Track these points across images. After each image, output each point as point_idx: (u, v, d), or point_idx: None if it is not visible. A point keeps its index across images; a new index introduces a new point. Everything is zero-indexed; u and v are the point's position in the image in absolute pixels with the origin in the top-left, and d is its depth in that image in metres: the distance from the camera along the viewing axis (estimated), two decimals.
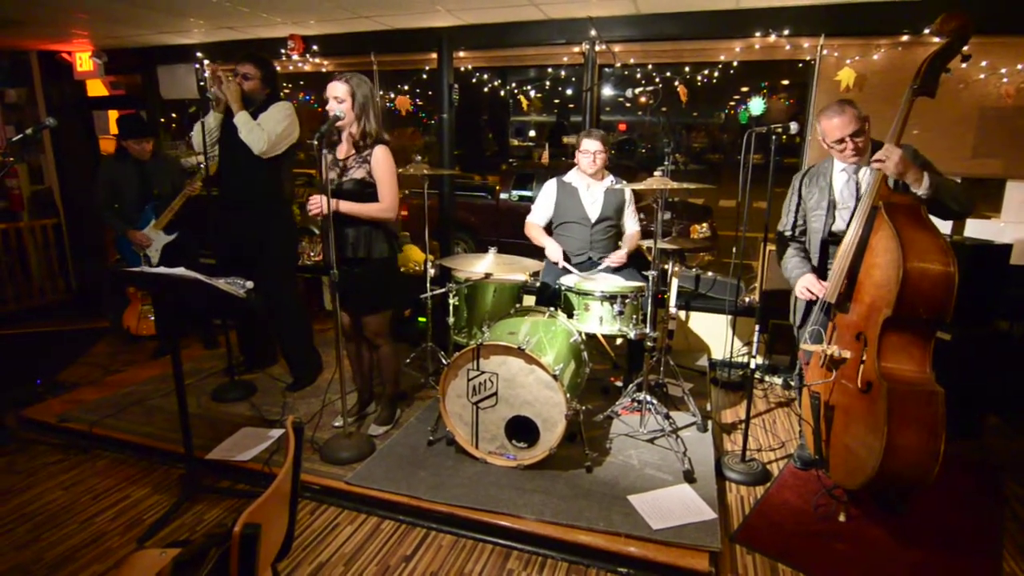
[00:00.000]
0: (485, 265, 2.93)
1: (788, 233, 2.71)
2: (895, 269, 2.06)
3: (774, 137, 2.58)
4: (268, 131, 3.08)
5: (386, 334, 2.93)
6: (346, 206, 2.64)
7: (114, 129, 5.70)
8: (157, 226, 3.86)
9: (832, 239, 2.55)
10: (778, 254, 2.78)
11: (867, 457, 2.11)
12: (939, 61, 2.14)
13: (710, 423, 3.09)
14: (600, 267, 3.33)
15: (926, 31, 3.30)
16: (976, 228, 3.47)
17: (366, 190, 2.69)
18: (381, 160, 2.67)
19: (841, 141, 2.37)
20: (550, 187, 3.52)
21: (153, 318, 4.36)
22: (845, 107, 2.35)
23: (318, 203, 2.54)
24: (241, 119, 3.07)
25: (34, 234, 5.38)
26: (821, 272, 2.57)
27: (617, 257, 3.33)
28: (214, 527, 2.35)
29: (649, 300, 2.89)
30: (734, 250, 3.52)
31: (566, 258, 3.36)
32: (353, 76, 2.67)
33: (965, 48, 2.15)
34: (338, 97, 2.63)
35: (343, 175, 2.71)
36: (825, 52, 3.59)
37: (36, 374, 3.72)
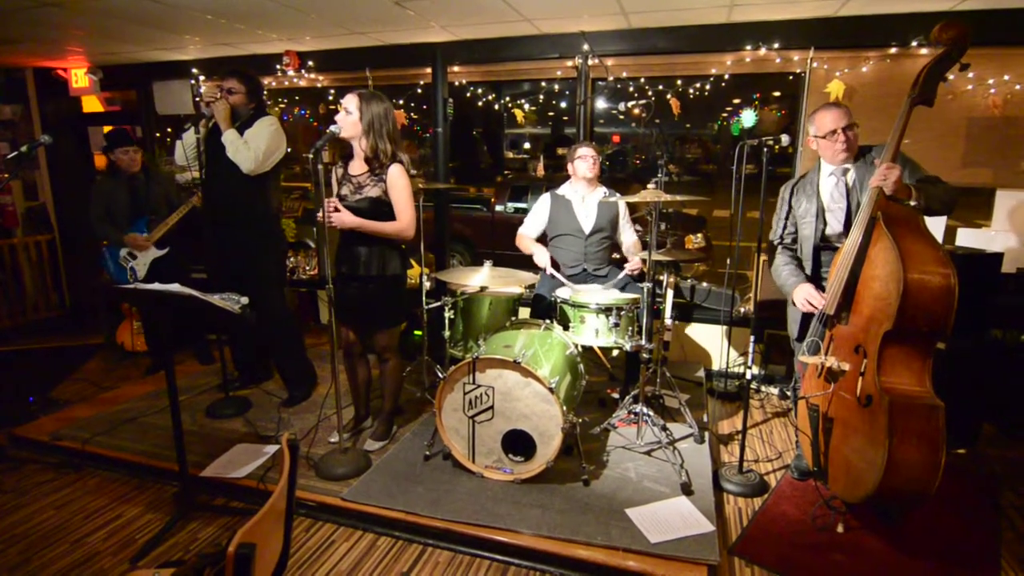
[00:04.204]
0: (481, 278, 2.93)
1: (778, 240, 2.73)
2: (895, 282, 2.05)
3: (766, 149, 2.61)
4: (255, 149, 3.09)
5: (395, 349, 2.94)
6: (364, 224, 2.65)
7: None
8: (149, 240, 3.85)
9: (824, 245, 2.56)
10: (769, 262, 2.80)
11: (868, 471, 2.10)
12: (937, 70, 2.17)
13: (707, 434, 3.09)
14: (618, 277, 3.36)
15: (914, 43, 3.35)
16: (967, 237, 3.49)
17: (382, 209, 2.70)
18: (397, 179, 2.68)
19: (834, 132, 2.44)
20: (544, 201, 3.55)
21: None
22: (840, 105, 2.51)
23: (330, 210, 2.57)
24: (229, 137, 3.08)
25: (28, 250, 5.36)
26: (814, 280, 2.58)
27: (634, 266, 3.39)
28: (208, 546, 2.32)
29: (644, 311, 2.90)
30: (728, 260, 3.53)
31: (555, 266, 3.39)
32: (369, 93, 2.68)
33: (964, 59, 2.18)
34: (347, 108, 2.63)
35: (356, 192, 2.72)
36: (815, 65, 3.63)
37: (28, 391, 3.69)
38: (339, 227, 2.66)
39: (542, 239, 3.60)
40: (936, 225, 3.31)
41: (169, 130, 5.43)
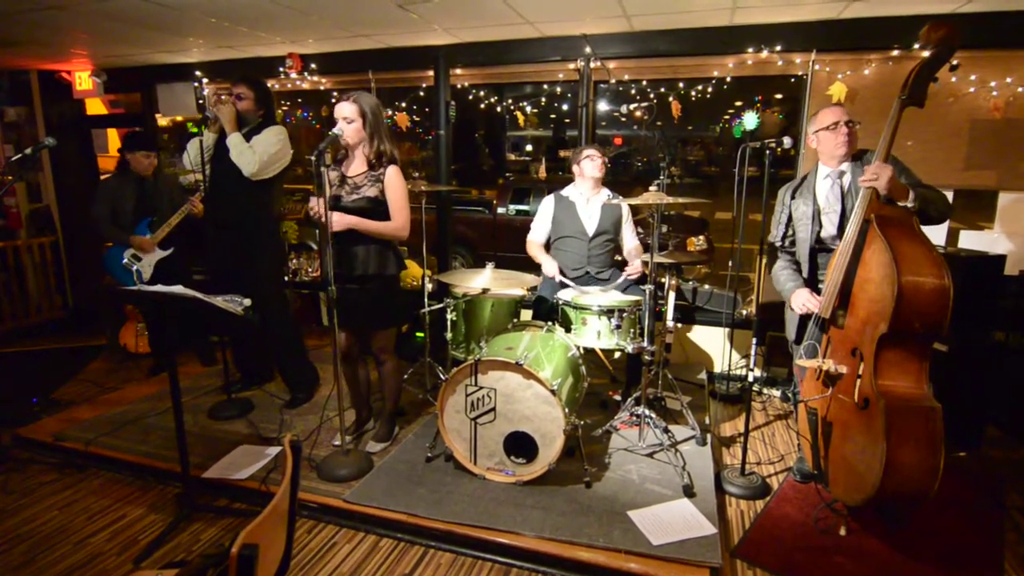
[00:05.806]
0: (483, 280, 2.93)
1: (779, 244, 2.73)
2: (889, 284, 2.05)
3: (768, 151, 2.61)
4: (259, 154, 3.10)
5: (392, 350, 2.95)
6: (359, 223, 2.65)
7: (113, 150, 5.75)
8: (154, 240, 3.85)
9: (820, 247, 2.56)
10: (768, 266, 2.80)
11: (866, 474, 2.10)
12: (926, 71, 2.17)
13: (709, 437, 3.08)
14: (619, 280, 3.36)
15: (916, 46, 3.35)
16: (970, 239, 3.49)
17: (378, 208, 2.70)
18: (394, 180, 2.69)
19: (836, 124, 2.45)
20: (548, 203, 3.55)
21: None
22: (842, 106, 2.55)
23: (315, 206, 2.54)
24: (233, 140, 3.10)
25: (32, 252, 5.38)
26: (811, 283, 2.58)
27: (633, 270, 3.39)
28: (211, 547, 2.33)
29: (646, 313, 2.90)
30: (730, 263, 3.53)
31: (562, 272, 3.39)
32: (360, 95, 2.68)
33: (954, 60, 2.18)
34: (347, 117, 2.63)
35: (353, 192, 2.72)
36: (817, 67, 3.63)
37: (31, 392, 3.70)
38: (334, 229, 2.64)
39: (547, 243, 3.60)
40: (938, 226, 3.30)
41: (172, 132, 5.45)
